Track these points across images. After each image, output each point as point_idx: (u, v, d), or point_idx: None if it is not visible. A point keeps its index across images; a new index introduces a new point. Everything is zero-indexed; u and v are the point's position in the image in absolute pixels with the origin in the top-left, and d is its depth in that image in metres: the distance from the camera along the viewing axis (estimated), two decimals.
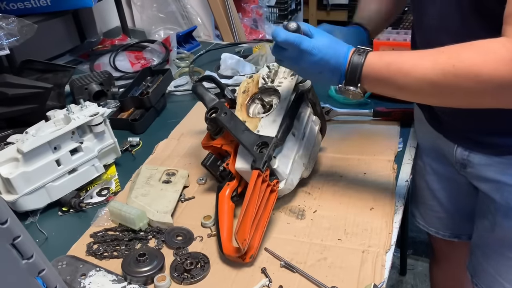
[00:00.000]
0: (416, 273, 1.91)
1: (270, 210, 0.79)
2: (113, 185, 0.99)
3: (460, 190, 1.00)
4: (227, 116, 0.84)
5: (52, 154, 0.91)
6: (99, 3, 1.49)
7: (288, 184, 0.83)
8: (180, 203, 0.90)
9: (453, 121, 0.87)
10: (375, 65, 0.69)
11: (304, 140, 0.88)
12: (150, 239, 0.82)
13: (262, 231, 0.77)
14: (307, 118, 0.90)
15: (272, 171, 0.80)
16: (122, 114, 1.23)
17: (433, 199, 1.07)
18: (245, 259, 0.74)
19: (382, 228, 0.81)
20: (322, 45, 0.70)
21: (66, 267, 0.74)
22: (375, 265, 0.74)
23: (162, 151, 1.09)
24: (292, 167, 0.84)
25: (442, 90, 0.65)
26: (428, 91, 0.67)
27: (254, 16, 2.40)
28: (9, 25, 1.12)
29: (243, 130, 0.82)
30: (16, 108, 1.11)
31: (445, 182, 1.02)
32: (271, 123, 0.83)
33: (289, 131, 0.84)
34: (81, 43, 1.75)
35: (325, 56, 0.70)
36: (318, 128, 0.93)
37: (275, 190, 0.80)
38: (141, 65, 1.55)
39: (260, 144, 0.79)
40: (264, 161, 0.77)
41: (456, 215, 1.07)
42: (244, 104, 0.89)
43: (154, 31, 1.80)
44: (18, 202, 0.87)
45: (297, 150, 0.86)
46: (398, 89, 0.69)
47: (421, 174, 1.07)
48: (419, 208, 1.13)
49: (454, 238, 1.11)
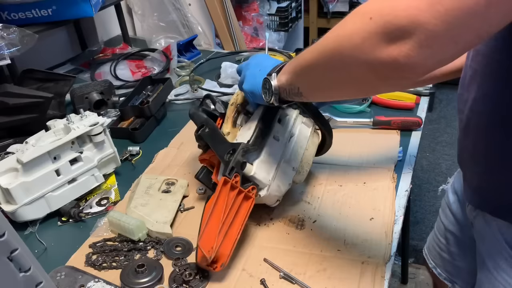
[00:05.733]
0: (417, 282, 1.90)
1: (243, 217, 0.77)
2: (112, 195, 0.99)
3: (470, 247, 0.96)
4: (209, 131, 0.84)
5: (52, 164, 0.91)
6: (100, 12, 1.49)
7: (273, 191, 0.81)
8: (180, 213, 0.90)
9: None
10: (282, 84, 0.70)
11: (291, 143, 0.87)
12: (149, 250, 0.82)
13: (234, 239, 0.75)
14: (293, 120, 0.89)
15: (248, 178, 0.79)
16: (122, 123, 1.24)
17: (443, 236, 1.07)
18: (215, 268, 0.73)
19: (381, 239, 0.81)
20: (248, 79, 0.80)
21: (65, 278, 0.74)
22: (374, 276, 0.73)
23: (162, 160, 1.09)
24: (277, 172, 0.82)
25: (320, 74, 0.61)
26: (316, 79, 0.63)
27: (254, 24, 2.42)
28: (10, 35, 1.13)
29: (220, 141, 0.82)
30: (17, 117, 1.11)
31: (459, 228, 1.01)
32: (247, 131, 0.83)
33: (265, 135, 0.82)
34: (82, 52, 1.76)
35: (251, 88, 0.79)
36: (312, 129, 0.91)
37: (250, 196, 0.78)
38: (142, 74, 1.55)
39: (231, 151, 0.79)
40: (230, 167, 0.76)
41: (458, 261, 1.05)
42: (231, 116, 0.89)
43: (154, 40, 1.81)
44: (18, 212, 0.87)
45: (282, 155, 0.84)
46: (308, 90, 0.67)
47: (443, 206, 1.07)
48: (431, 235, 1.14)
49: (448, 282, 1.10)
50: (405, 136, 1.09)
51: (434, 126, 2.86)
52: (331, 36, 0.55)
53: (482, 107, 0.70)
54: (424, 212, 2.23)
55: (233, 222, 0.76)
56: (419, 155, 1.70)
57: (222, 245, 0.73)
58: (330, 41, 0.56)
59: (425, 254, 1.15)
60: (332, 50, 0.55)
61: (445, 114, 2.98)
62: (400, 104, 1.21)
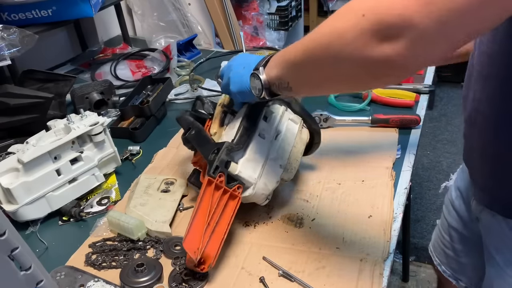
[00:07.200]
0: (418, 280, 1.90)
1: (229, 217, 0.77)
2: (113, 194, 0.99)
3: (475, 242, 0.97)
4: (195, 133, 0.84)
5: (53, 164, 0.92)
6: (100, 12, 1.50)
7: (259, 189, 0.81)
8: (179, 212, 0.91)
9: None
10: (271, 78, 0.68)
11: (278, 140, 0.86)
12: (149, 249, 0.82)
13: (220, 239, 0.75)
14: (279, 117, 0.87)
15: (233, 177, 0.78)
16: (122, 123, 1.24)
17: (446, 233, 1.07)
18: (203, 269, 0.73)
19: (380, 236, 0.81)
20: (234, 79, 0.78)
21: (65, 278, 0.74)
22: (373, 274, 0.74)
23: (161, 160, 1.09)
24: (263, 170, 0.81)
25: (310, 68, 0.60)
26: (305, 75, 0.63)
27: (254, 24, 2.42)
28: (10, 35, 1.13)
29: (205, 142, 0.82)
30: (18, 118, 1.12)
31: (462, 224, 1.01)
32: (231, 130, 0.82)
33: (249, 133, 0.81)
34: (82, 52, 1.77)
35: (239, 88, 0.78)
36: (299, 126, 0.90)
37: (236, 195, 0.78)
38: (142, 74, 1.56)
39: (216, 151, 0.78)
40: (214, 167, 0.76)
41: (462, 258, 1.05)
42: (218, 115, 0.88)
43: (154, 40, 1.81)
44: (19, 212, 0.88)
45: (269, 152, 0.83)
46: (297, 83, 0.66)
47: (446, 203, 1.07)
48: (435, 232, 1.14)
49: (453, 279, 1.10)
50: (405, 134, 1.09)
51: (434, 124, 2.86)
52: (321, 32, 0.55)
53: (487, 107, 0.71)
54: (425, 210, 2.23)
55: (218, 222, 0.75)
56: (420, 153, 1.70)
57: (208, 245, 0.73)
58: (320, 37, 0.55)
59: (430, 251, 1.15)
60: (322, 46, 0.54)
61: (446, 112, 2.98)
62: (399, 102, 1.21)
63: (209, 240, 0.73)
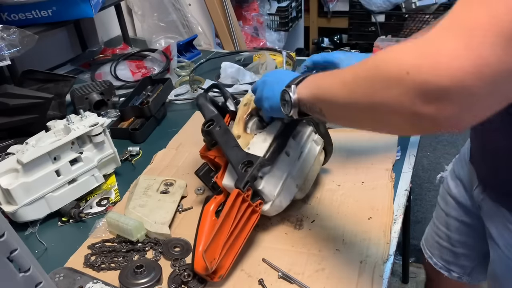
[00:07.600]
0: (418, 281, 1.90)
1: (248, 231, 0.76)
2: (113, 195, 0.99)
3: (475, 229, 0.97)
4: (221, 130, 0.83)
5: (52, 165, 0.91)
6: (100, 13, 1.50)
7: (275, 206, 0.80)
8: (178, 214, 0.91)
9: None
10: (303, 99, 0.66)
11: (300, 160, 0.85)
12: (148, 251, 0.82)
13: (236, 251, 0.75)
14: (306, 137, 0.86)
15: (256, 192, 0.78)
16: (122, 124, 1.24)
17: (443, 224, 1.07)
18: (213, 278, 0.73)
19: (380, 238, 0.81)
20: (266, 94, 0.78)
21: (64, 279, 0.74)
22: (373, 276, 0.73)
23: (161, 161, 1.09)
24: (282, 188, 0.80)
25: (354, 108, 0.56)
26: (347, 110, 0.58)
27: (255, 24, 2.42)
28: (10, 36, 1.13)
29: (233, 146, 0.80)
30: (17, 118, 1.12)
31: (463, 212, 1.01)
32: (262, 142, 0.81)
33: (281, 151, 0.81)
34: (82, 52, 1.77)
35: (270, 104, 0.77)
36: (320, 148, 0.89)
37: (257, 211, 0.77)
38: (142, 74, 1.56)
39: (246, 162, 0.77)
40: (245, 181, 0.74)
41: (458, 248, 1.05)
42: (243, 118, 0.86)
43: (154, 40, 1.81)
44: (18, 213, 0.88)
45: (290, 171, 0.82)
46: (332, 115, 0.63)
47: (442, 194, 1.07)
48: (429, 227, 1.14)
49: (444, 270, 1.09)
50: (403, 136, 1.09)
51: None
52: (363, 75, 0.51)
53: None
54: (425, 212, 2.22)
55: (238, 235, 0.75)
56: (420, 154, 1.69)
57: (224, 256, 0.73)
58: (362, 82, 0.52)
59: (422, 245, 1.15)
60: (364, 93, 0.51)
61: None
62: None
63: (227, 251, 0.73)
